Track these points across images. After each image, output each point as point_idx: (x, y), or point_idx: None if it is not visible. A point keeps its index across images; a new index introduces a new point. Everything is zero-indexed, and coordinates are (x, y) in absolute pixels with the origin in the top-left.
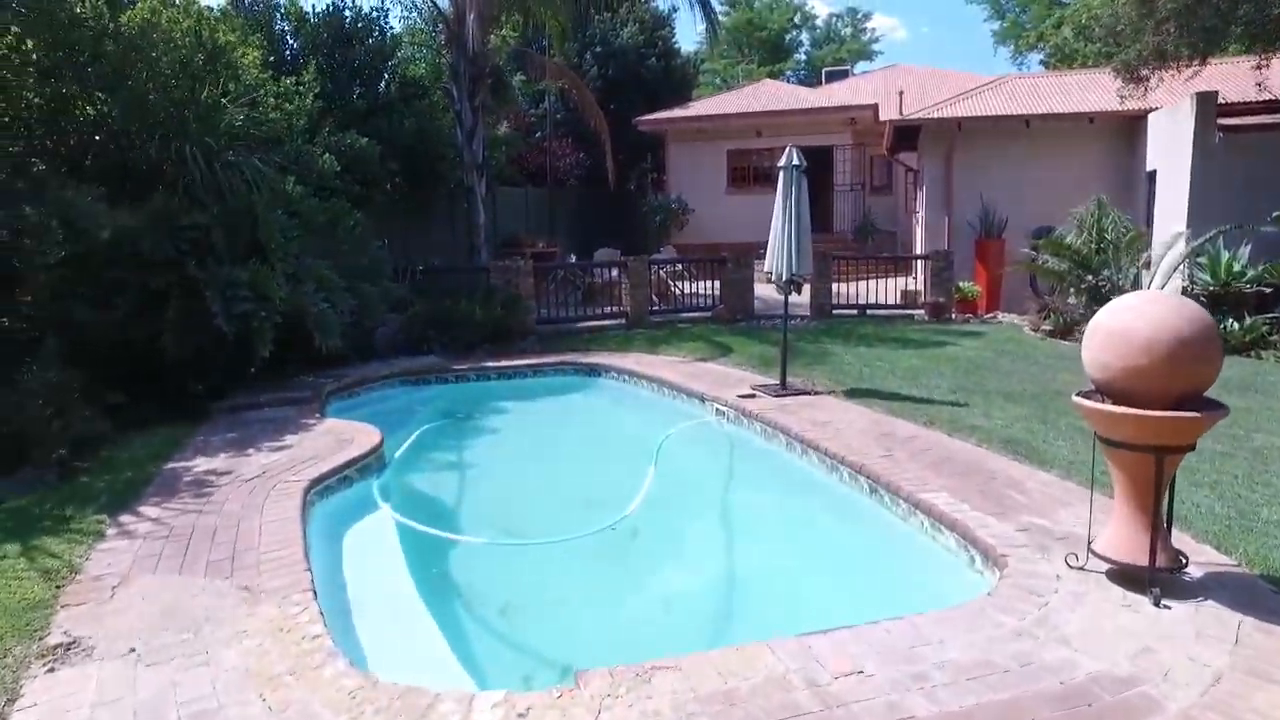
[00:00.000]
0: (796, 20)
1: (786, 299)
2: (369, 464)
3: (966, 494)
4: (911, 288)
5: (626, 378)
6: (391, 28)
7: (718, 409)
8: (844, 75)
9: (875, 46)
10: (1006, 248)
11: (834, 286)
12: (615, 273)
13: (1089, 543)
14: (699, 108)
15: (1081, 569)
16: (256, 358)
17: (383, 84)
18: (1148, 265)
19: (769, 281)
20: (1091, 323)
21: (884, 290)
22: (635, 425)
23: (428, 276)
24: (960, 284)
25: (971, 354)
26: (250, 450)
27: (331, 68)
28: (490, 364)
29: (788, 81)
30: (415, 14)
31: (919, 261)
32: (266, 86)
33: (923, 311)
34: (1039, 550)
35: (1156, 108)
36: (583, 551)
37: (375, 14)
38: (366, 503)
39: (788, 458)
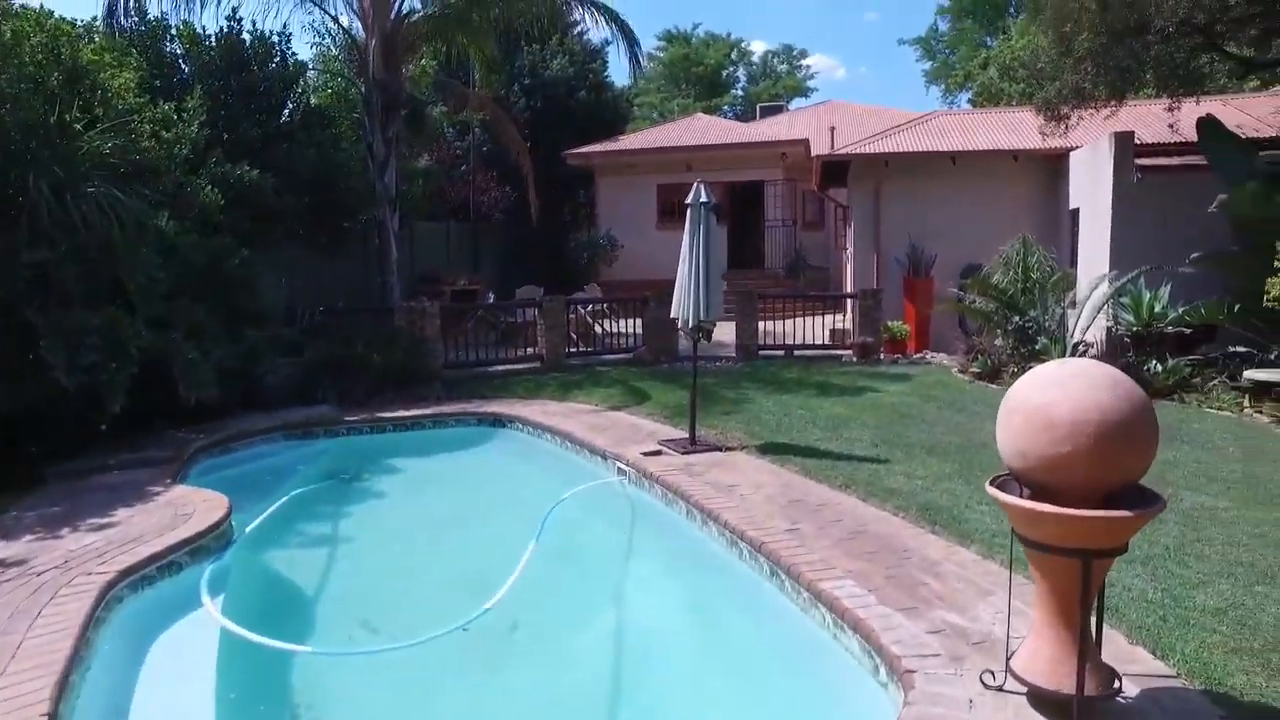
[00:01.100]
0: (733, 56)
1: (695, 347)
2: (205, 545)
3: (875, 581)
4: (841, 326)
5: (530, 429)
6: (295, 54)
7: (619, 468)
8: (779, 110)
9: (812, 84)
10: (935, 286)
11: (763, 325)
12: (534, 313)
13: (1008, 657)
14: (628, 141)
15: (1000, 689)
16: (107, 414)
17: (285, 112)
18: (1073, 305)
19: (677, 329)
20: (1008, 397)
21: (814, 328)
22: (532, 487)
23: (329, 318)
24: (889, 323)
25: (897, 400)
26: (65, 530)
27: (225, 94)
28: (387, 414)
29: (724, 117)
30: (328, 39)
31: (848, 300)
32: (143, 112)
33: (851, 352)
34: (952, 661)
35: (1077, 146)
36: (437, 654)
37: (277, 38)
38: (189, 599)
39: (688, 528)
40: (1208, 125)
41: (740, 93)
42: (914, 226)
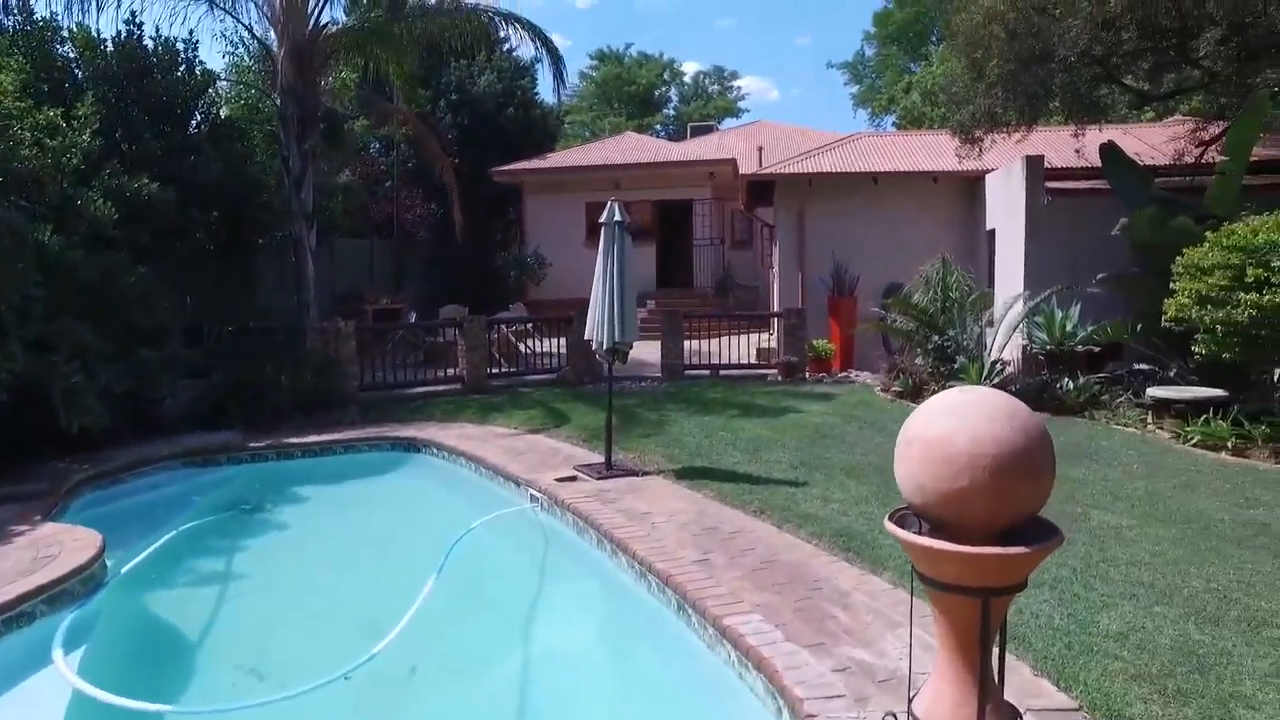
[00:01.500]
0: (666, 76)
1: (611, 369)
2: (68, 590)
3: (783, 615)
4: (768, 345)
5: (446, 454)
6: (204, 62)
7: (532, 495)
8: (709, 130)
9: (747, 105)
10: (859, 305)
11: (690, 344)
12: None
13: (910, 699)
14: (557, 159)
15: None
16: None
17: (193, 124)
18: (991, 323)
19: (592, 351)
20: (906, 427)
21: (742, 347)
22: (442, 517)
23: (239, 338)
24: (814, 342)
25: (819, 420)
26: None
27: (124, 102)
28: (295, 440)
29: (656, 136)
30: (241, 49)
31: (774, 319)
32: (24, 118)
33: (776, 371)
34: (856, 703)
35: (993, 169)
36: (326, 705)
37: (183, 45)
38: (38, 655)
39: (599, 559)
40: (1109, 152)
41: (672, 112)
42: (838, 246)
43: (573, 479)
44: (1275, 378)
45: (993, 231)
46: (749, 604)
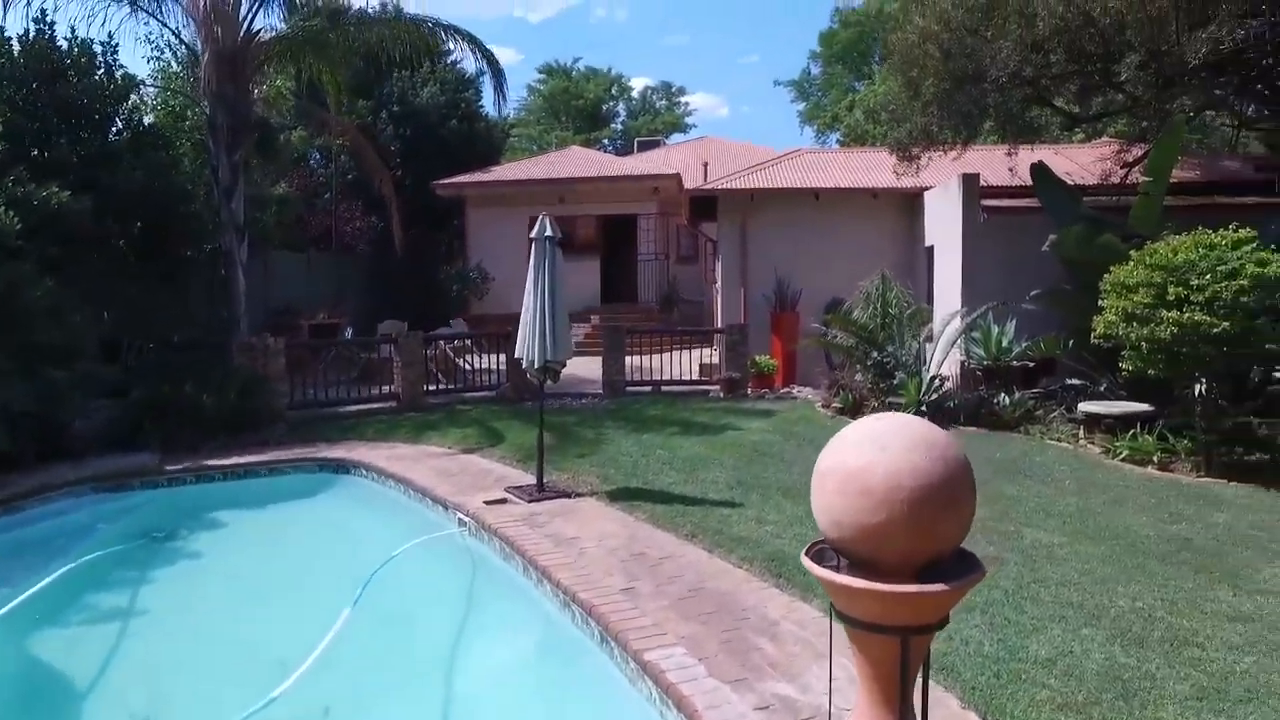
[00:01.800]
0: (614, 91)
1: (543, 388)
2: None
3: (707, 647)
4: (712, 361)
5: (375, 476)
6: (124, 66)
7: (460, 519)
8: (656, 145)
9: (695, 121)
10: (801, 321)
11: (634, 360)
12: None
13: None
14: (501, 172)
15: None
16: None
17: (113, 130)
18: (930, 339)
19: (523, 369)
20: (822, 457)
21: (686, 363)
22: (368, 542)
23: (161, 355)
24: (756, 358)
25: (758, 438)
26: None
27: (32, 105)
28: (215, 462)
29: (604, 150)
30: (169, 53)
31: (718, 335)
32: None
33: (718, 387)
34: None
35: (932, 186)
36: None
37: (101, 47)
38: None
39: (525, 587)
40: (1039, 171)
41: (620, 127)
42: (780, 261)
43: (503, 501)
44: (1197, 393)
45: (932, 248)
46: (673, 636)
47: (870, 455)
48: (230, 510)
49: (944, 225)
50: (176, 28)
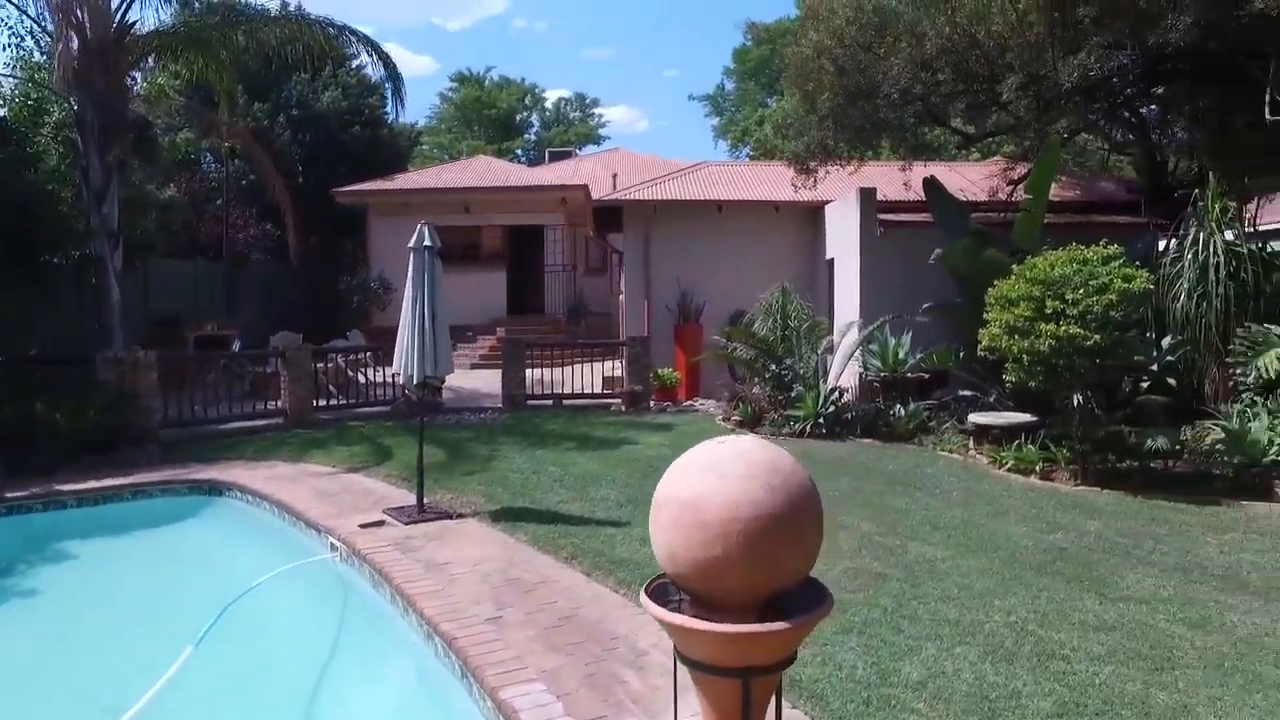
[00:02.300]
0: (527, 102)
1: (422, 404)
2: None
3: (569, 682)
4: (617, 374)
5: (250, 498)
6: None
7: (332, 544)
8: (567, 155)
9: (613, 133)
10: (704, 333)
11: (538, 373)
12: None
13: None
14: (405, 180)
15: None
16: None
17: None
18: (830, 351)
19: (401, 385)
20: (660, 487)
21: (591, 375)
22: (233, 571)
23: (12, 370)
24: (660, 371)
25: (654, 453)
26: None
27: None
28: (70, 486)
29: (517, 160)
30: (30, 42)
31: (623, 347)
32: None
33: (620, 401)
34: None
35: (831, 199)
36: None
37: None
38: None
39: (391, 616)
40: (931, 186)
41: (533, 137)
42: (684, 273)
43: (379, 524)
44: (1075, 403)
45: (832, 260)
46: (534, 670)
47: (706, 483)
48: (81, 540)
49: (843, 238)
50: (37, 14)
